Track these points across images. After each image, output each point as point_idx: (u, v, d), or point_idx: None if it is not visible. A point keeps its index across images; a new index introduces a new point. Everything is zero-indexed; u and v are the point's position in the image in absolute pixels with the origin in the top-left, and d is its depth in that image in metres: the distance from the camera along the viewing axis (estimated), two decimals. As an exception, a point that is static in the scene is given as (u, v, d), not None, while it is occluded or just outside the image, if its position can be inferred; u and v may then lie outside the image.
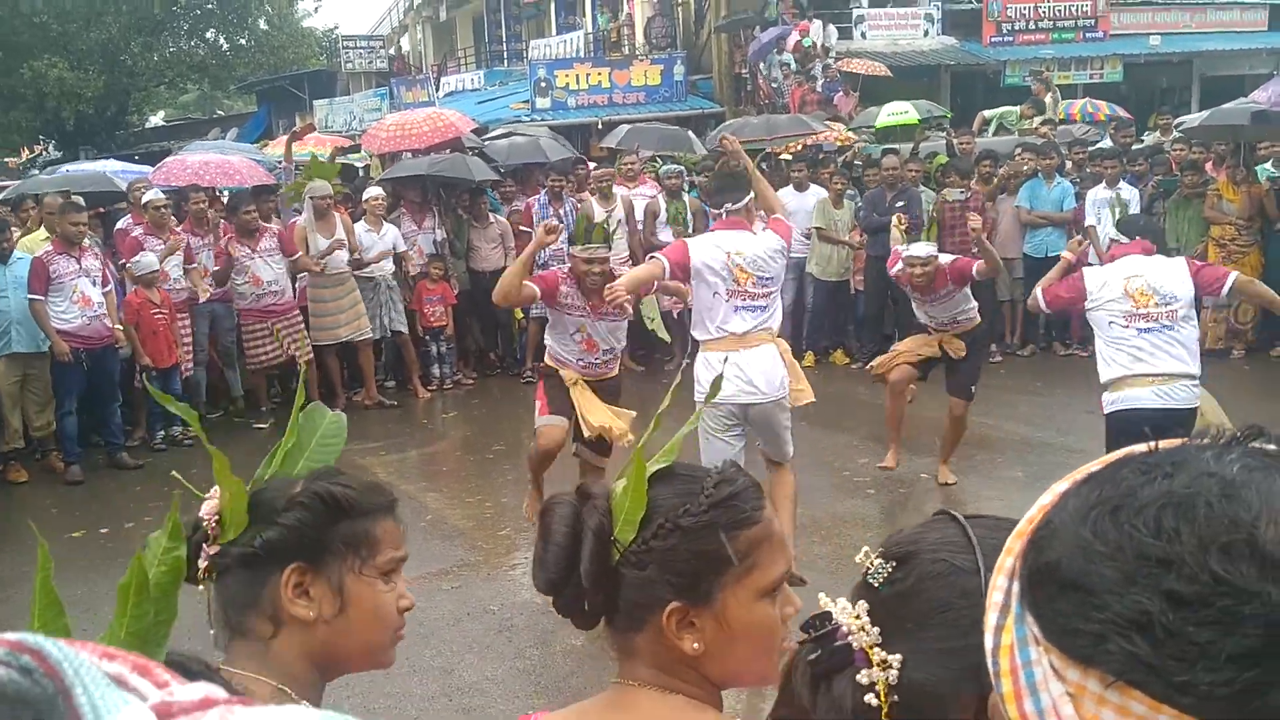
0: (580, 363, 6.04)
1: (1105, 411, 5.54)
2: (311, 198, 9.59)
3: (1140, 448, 0.75)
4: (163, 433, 9.04)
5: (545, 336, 6.29)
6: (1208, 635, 0.63)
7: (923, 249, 6.84)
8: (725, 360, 4.94)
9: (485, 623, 5.62)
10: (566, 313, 5.96)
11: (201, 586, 1.56)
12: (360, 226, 10.01)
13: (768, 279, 5.45)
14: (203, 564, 1.53)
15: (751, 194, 5.59)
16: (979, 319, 7.26)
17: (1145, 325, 5.35)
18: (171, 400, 1.76)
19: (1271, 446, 0.72)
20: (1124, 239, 5.93)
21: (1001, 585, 0.77)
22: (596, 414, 5.92)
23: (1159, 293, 5.37)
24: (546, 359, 6.20)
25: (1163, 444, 0.74)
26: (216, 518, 1.54)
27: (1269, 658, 0.63)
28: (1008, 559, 0.78)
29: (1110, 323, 5.45)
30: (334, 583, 1.54)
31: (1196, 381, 5.42)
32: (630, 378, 10.74)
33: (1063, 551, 0.71)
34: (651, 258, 5.69)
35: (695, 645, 1.31)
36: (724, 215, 5.64)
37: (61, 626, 0.95)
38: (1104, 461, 0.76)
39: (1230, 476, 0.68)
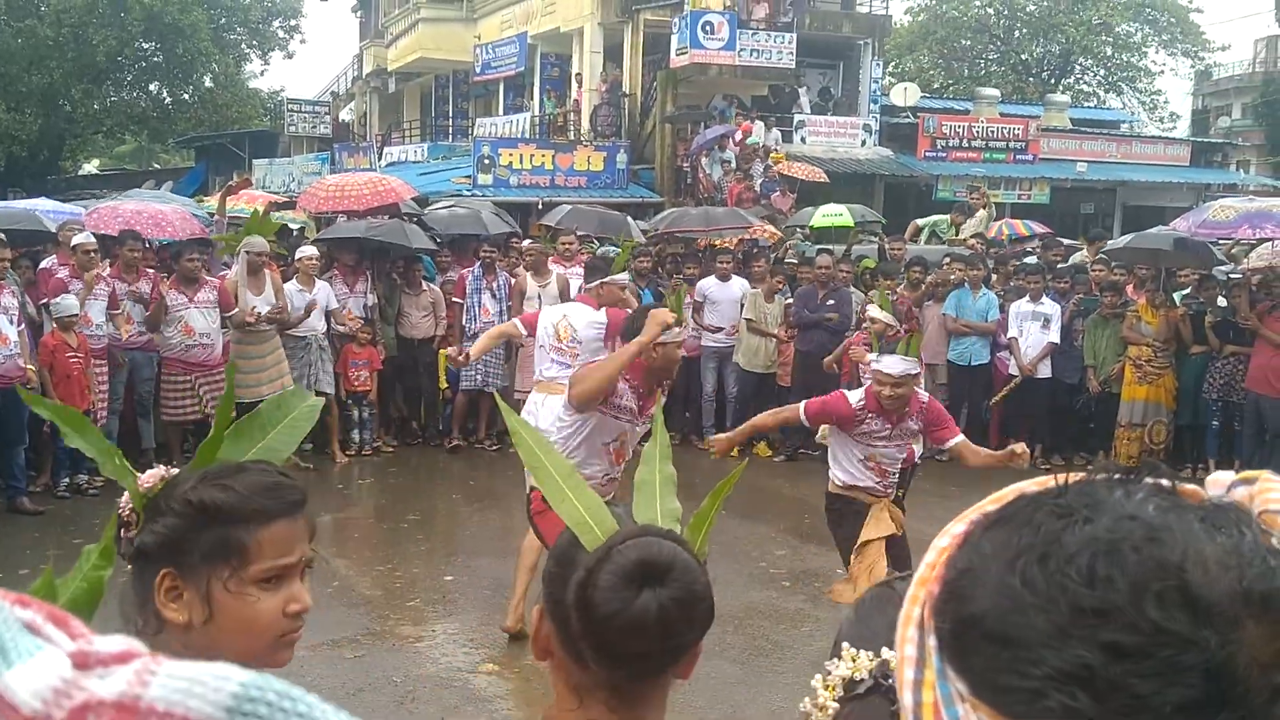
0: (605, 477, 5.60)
1: None
2: (248, 252, 9.47)
3: (1033, 484, 0.73)
4: (67, 480, 8.76)
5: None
6: (1151, 687, 0.61)
7: (898, 364, 5.46)
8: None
9: (387, 694, 5.47)
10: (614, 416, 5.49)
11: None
12: (292, 285, 9.91)
13: (577, 342, 6.85)
14: (124, 551, 1.54)
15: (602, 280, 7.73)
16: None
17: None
18: (95, 434, 1.68)
19: (1165, 481, 0.71)
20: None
21: (912, 637, 0.74)
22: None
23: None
24: None
25: (1067, 479, 0.72)
26: (130, 507, 1.55)
27: (1211, 706, 0.61)
28: (914, 608, 0.74)
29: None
30: (201, 591, 1.49)
31: None
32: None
33: (989, 602, 0.67)
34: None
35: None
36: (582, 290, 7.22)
37: None
38: (998, 500, 0.74)
39: (1150, 519, 0.66)
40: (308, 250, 10.22)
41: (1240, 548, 0.65)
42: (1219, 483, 0.73)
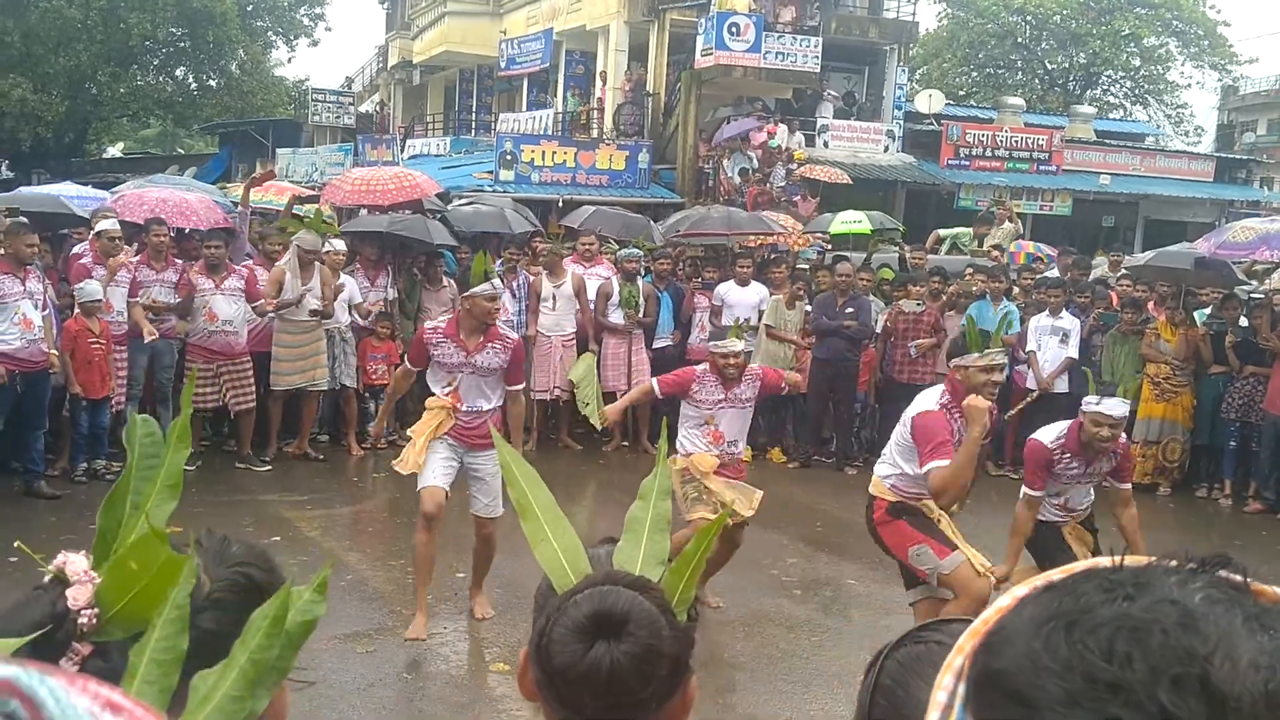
0: None
1: None
2: (300, 247, 9.56)
3: (1105, 562, 0.74)
4: (85, 465, 8.82)
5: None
6: None
7: (1119, 407, 5.49)
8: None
9: (397, 690, 5.50)
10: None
11: None
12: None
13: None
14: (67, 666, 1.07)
15: None
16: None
17: None
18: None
19: (1237, 577, 0.70)
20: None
21: (948, 685, 0.75)
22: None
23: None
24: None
25: (1130, 562, 0.72)
26: (95, 610, 1.07)
27: None
28: (957, 658, 0.75)
29: None
30: None
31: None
32: (569, 455, 10.73)
33: (1012, 660, 0.68)
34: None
35: None
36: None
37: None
38: (1068, 571, 0.74)
39: (1191, 606, 0.66)
40: (336, 244, 10.28)
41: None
42: None
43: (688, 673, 1.31)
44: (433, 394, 6.18)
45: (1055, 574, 0.75)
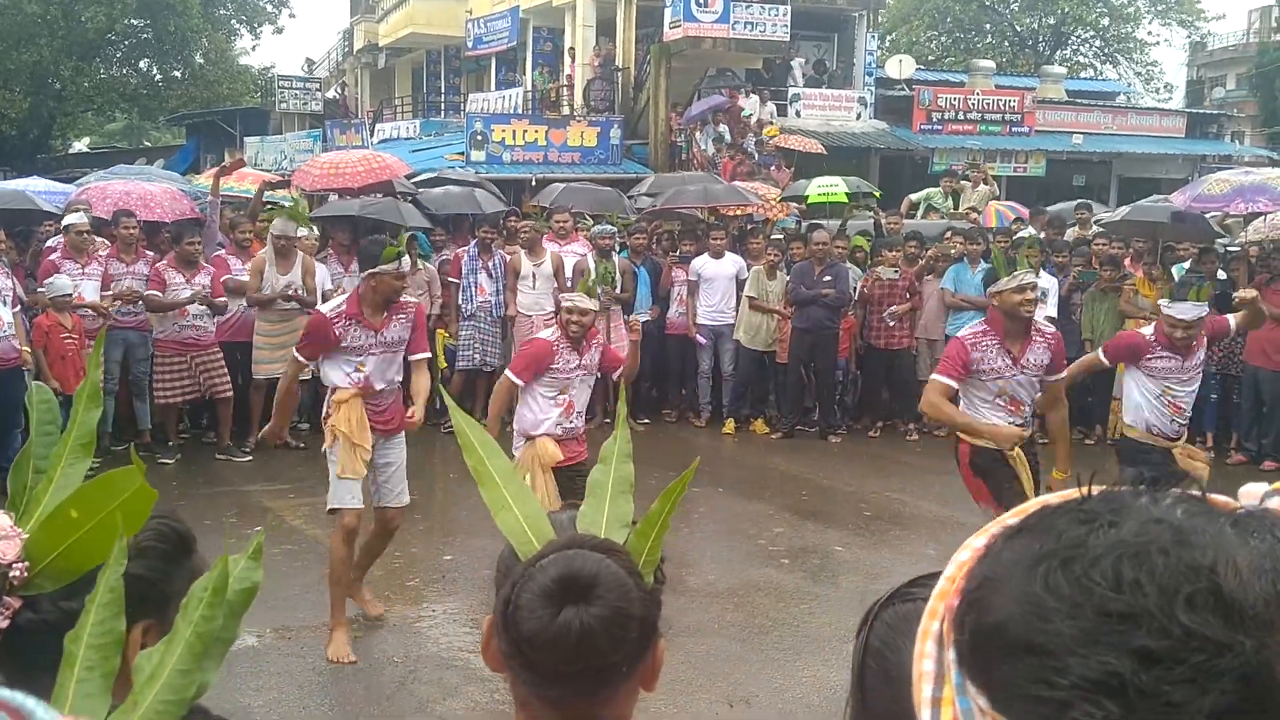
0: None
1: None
2: (273, 235, 9.49)
3: (1056, 498, 0.71)
4: (62, 462, 8.71)
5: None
6: (1184, 694, 0.59)
7: (1190, 310, 5.94)
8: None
9: (388, 674, 5.46)
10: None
11: None
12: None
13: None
14: None
15: None
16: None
17: None
18: None
19: (1194, 491, 0.69)
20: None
21: (930, 652, 0.71)
22: None
23: None
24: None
25: (1090, 489, 0.70)
26: (25, 564, 1.10)
27: (1248, 713, 0.59)
28: (932, 622, 0.72)
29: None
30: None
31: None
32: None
33: (1008, 611, 0.65)
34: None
35: None
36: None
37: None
38: (1021, 513, 0.72)
39: (1178, 523, 0.65)
40: (302, 230, 10.18)
41: (1275, 551, 0.63)
42: (1252, 494, 0.71)
43: (656, 635, 1.29)
44: (337, 388, 5.71)
45: (1009, 519, 0.72)
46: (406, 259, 5.91)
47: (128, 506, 1.06)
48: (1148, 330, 6.17)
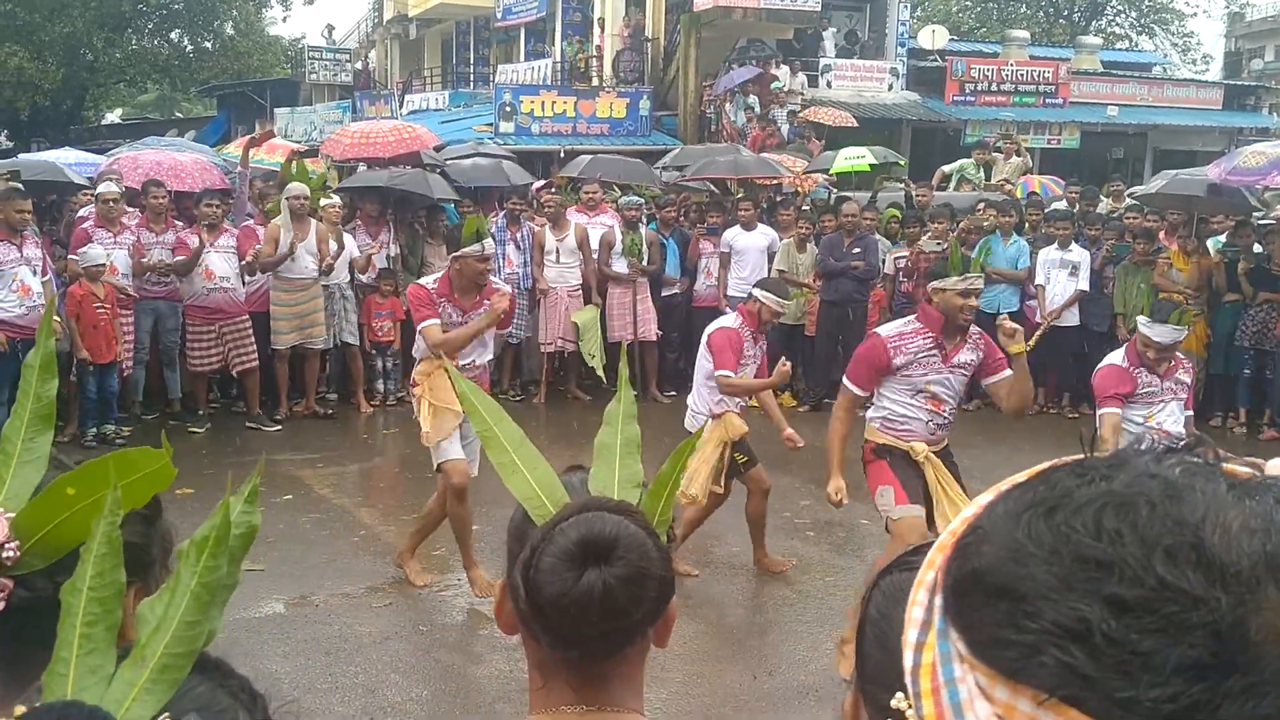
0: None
1: None
2: (288, 198, 9.53)
3: (1071, 459, 0.71)
4: (95, 429, 8.79)
5: None
6: (1151, 644, 0.59)
7: (1168, 334, 5.69)
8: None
9: (414, 643, 5.50)
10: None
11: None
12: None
13: None
14: None
15: None
16: None
17: None
18: None
19: (1210, 456, 0.68)
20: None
21: (922, 600, 0.72)
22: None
23: None
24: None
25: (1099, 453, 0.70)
26: (16, 543, 1.04)
27: (1217, 670, 0.58)
28: (929, 573, 0.73)
29: None
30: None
31: None
32: (578, 407, 10.68)
33: (991, 557, 0.65)
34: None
35: None
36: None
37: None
38: (1032, 472, 0.72)
39: (1173, 479, 0.64)
40: (331, 199, 10.21)
41: (1271, 514, 0.62)
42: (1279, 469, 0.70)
43: (672, 593, 1.31)
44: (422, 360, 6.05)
45: (1019, 476, 0.72)
46: (490, 241, 6.07)
47: (138, 484, 1.02)
48: (1117, 355, 5.93)
